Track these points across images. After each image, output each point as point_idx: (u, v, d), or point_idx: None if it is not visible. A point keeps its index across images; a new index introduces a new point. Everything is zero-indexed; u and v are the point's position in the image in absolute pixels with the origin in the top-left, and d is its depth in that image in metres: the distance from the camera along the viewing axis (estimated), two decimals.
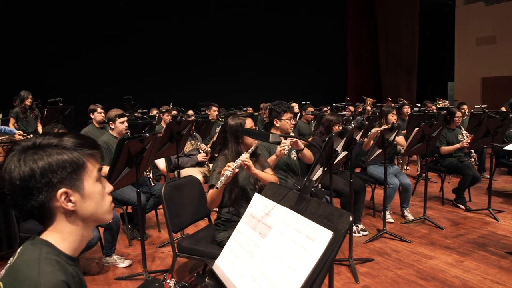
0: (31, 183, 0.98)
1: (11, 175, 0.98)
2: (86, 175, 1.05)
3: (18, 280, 0.93)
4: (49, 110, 6.03)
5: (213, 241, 2.70)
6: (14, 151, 1.01)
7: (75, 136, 1.07)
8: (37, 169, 0.98)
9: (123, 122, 3.92)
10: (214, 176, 2.49)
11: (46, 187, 0.99)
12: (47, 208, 1.01)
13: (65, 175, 1.01)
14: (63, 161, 1.01)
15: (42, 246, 1.01)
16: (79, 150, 1.04)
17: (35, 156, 0.99)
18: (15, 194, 0.99)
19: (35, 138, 1.04)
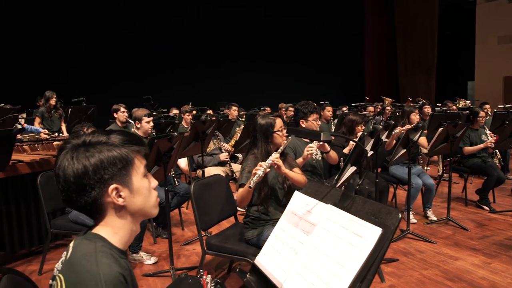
0: (85, 179, 1.01)
1: (65, 172, 1.02)
2: (134, 171, 1.08)
3: (78, 273, 0.96)
4: (73, 110, 6.15)
5: (241, 239, 2.73)
6: (65, 149, 1.05)
7: (122, 133, 1.11)
8: (90, 166, 1.02)
9: (149, 122, 3.99)
10: (244, 175, 2.52)
11: (98, 183, 1.03)
12: (99, 203, 1.05)
13: (116, 171, 1.04)
14: (113, 157, 1.04)
15: (96, 240, 1.04)
16: (127, 146, 1.08)
17: (87, 153, 1.03)
18: (69, 190, 1.03)
19: (85, 136, 1.08)
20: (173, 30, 11.47)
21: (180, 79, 11.30)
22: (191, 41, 11.75)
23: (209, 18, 12.07)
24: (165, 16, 11.39)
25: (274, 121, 2.70)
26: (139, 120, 4.00)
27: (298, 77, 13.25)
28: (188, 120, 6.11)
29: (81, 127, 3.26)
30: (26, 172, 3.58)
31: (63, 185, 1.03)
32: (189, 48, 11.71)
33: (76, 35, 10.15)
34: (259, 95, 11.23)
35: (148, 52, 10.99)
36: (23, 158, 3.64)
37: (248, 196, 2.45)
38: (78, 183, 1.01)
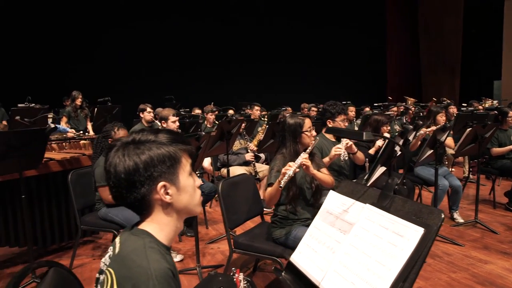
0: (135, 176, 1.05)
1: (116, 169, 1.05)
2: (181, 169, 1.11)
3: (129, 267, 0.99)
4: (99, 109, 6.27)
5: (268, 238, 2.74)
6: (115, 146, 1.09)
7: (169, 132, 1.14)
8: (140, 163, 1.05)
9: (175, 122, 4.05)
10: (273, 174, 2.54)
11: (147, 180, 1.06)
12: (147, 200, 1.08)
13: (164, 169, 1.07)
14: (163, 155, 1.07)
15: (144, 236, 1.07)
16: (175, 145, 1.11)
17: (137, 150, 1.06)
18: (120, 187, 1.06)
19: (134, 134, 1.11)
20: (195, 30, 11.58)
21: (201, 79, 11.41)
22: (212, 41, 11.83)
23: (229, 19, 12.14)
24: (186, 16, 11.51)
25: (303, 121, 2.71)
26: (165, 120, 4.07)
27: (318, 78, 13.17)
28: (211, 119, 6.16)
29: (112, 126, 3.33)
30: (57, 170, 3.69)
31: (114, 182, 1.06)
32: (211, 48, 11.80)
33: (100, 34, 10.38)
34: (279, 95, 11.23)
35: (170, 52, 11.14)
36: (54, 156, 3.75)
37: (276, 195, 2.46)
38: (128, 179, 1.04)
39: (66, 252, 3.93)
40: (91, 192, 3.43)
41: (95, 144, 3.38)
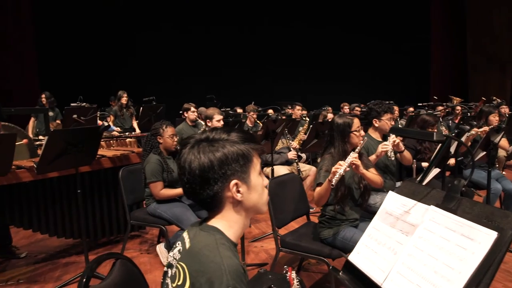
0: (210, 173, 1.07)
1: (191, 165, 1.08)
2: (252, 168, 1.13)
3: (202, 263, 1.01)
4: (144, 108, 6.47)
5: (315, 238, 2.73)
6: (189, 144, 1.12)
7: (240, 131, 1.16)
8: (215, 160, 1.07)
9: (219, 121, 4.11)
10: (322, 174, 2.53)
11: (221, 177, 1.08)
12: (219, 197, 1.10)
13: (237, 168, 1.10)
14: (237, 153, 1.09)
15: (215, 233, 1.09)
16: (247, 144, 1.12)
17: (212, 148, 1.09)
18: (194, 183, 1.09)
19: (207, 132, 1.14)
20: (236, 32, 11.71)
21: (240, 79, 11.51)
22: (252, 43, 11.91)
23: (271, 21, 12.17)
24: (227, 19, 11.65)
25: (352, 120, 2.69)
26: (210, 119, 4.14)
27: (359, 78, 12.88)
28: (253, 119, 6.20)
29: (160, 124, 3.42)
30: (108, 166, 3.84)
31: (188, 178, 1.09)
32: (250, 49, 11.87)
33: (144, 36, 10.71)
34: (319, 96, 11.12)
35: (212, 53, 11.32)
36: (105, 153, 3.90)
37: (326, 195, 2.45)
38: (203, 176, 1.07)
39: (115, 245, 4.09)
40: (140, 188, 3.54)
41: (145, 142, 3.49)
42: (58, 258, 3.80)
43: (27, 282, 3.32)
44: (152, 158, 3.34)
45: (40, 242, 4.24)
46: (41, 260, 3.78)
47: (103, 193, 3.89)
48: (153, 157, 3.34)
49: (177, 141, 3.47)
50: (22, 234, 4.31)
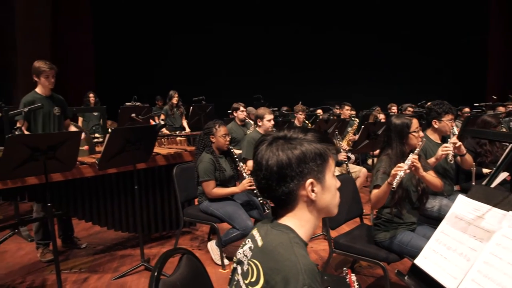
0: (287, 170, 1.08)
1: (268, 162, 1.09)
2: (327, 169, 1.13)
3: (277, 261, 1.02)
4: (194, 108, 6.62)
5: (369, 241, 2.68)
6: (266, 141, 1.13)
7: (316, 131, 1.16)
8: (293, 158, 1.08)
9: (270, 120, 4.13)
10: (379, 176, 2.47)
11: (298, 175, 1.08)
12: (294, 195, 1.11)
13: (314, 167, 1.10)
14: (314, 153, 1.10)
15: (288, 231, 1.10)
16: (323, 144, 1.12)
17: (290, 145, 1.09)
18: (270, 179, 1.10)
19: (284, 131, 1.15)
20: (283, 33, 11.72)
21: (287, 79, 11.50)
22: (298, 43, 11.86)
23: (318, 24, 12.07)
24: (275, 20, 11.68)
25: (411, 121, 2.60)
26: (261, 118, 4.17)
27: (408, 77, 12.44)
28: (301, 119, 6.17)
29: (213, 123, 3.49)
30: (163, 164, 3.96)
31: (264, 174, 1.10)
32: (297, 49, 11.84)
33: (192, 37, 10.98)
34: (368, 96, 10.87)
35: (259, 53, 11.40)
36: (160, 151, 4.03)
37: (384, 198, 2.39)
38: (280, 173, 1.08)
39: (167, 241, 4.22)
40: (192, 186, 3.63)
41: (198, 141, 3.57)
42: (115, 250, 3.98)
43: (87, 272, 3.50)
44: (205, 157, 3.41)
45: (98, 234, 4.46)
46: (99, 251, 3.98)
47: (157, 189, 4.02)
48: (206, 156, 3.41)
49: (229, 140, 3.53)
50: (82, 226, 4.55)
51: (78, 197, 3.51)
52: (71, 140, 2.79)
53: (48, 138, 2.71)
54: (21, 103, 3.46)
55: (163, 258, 1.26)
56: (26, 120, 3.47)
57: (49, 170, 2.80)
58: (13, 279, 3.39)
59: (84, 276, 3.40)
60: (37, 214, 3.64)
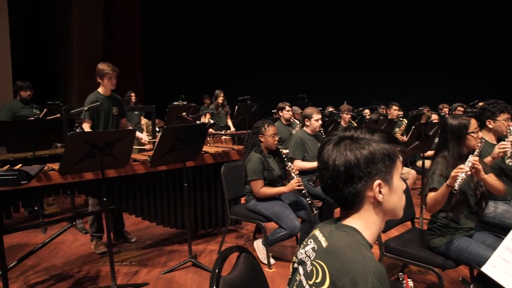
0: (355, 170, 1.06)
1: (335, 162, 1.08)
2: (395, 170, 1.10)
3: (344, 262, 1.00)
4: (239, 107, 6.67)
5: (422, 246, 2.59)
6: (332, 141, 1.12)
7: (384, 132, 1.13)
8: (361, 158, 1.06)
9: (318, 120, 4.09)
10: (436, 179, 2.38)
11: (366, 176, 1.06)
12: (360, 196, 1.09)
13: (382, 168, 1.07)
14: (383, 153, 1.07)
15: (354, 233, 1.08)
16: (391, 145, 1.10)
17: (358, 145, 1.08)
18: (337, 179, 1.08)
19: (351, 131, 1.13)
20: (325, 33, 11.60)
21: (331, 78, 11.35)
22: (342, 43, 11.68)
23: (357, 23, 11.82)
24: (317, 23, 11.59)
25: (469, 121, 2.49)
26: (308, 118, 4.14)
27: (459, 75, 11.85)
28: (347, 119, 6.07)
29: (262, 123, 3.51)
30: (210, 162, 4.03)
31: (331, 174, 1.09)
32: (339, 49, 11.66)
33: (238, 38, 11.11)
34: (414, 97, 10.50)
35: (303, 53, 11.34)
36: (208, 149, 4.10)
37: (442, 201, 2.30)
38: (347, 173, 1.07)
39: (213, 238, 4.28)
40: (239, 185, 3.66)
41: (246, 140, 3.59)
42: (162, 246, 4.10)
43: (137, 265, 3.63)
44: (253, 156, 3.43)
45: (146, 229, 4.61)
46: (148, 246, 4.11)
47: (205, 187, 4.10)
48: (254, 155, 3.43)
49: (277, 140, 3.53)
50: (131, 221, 4.71)
51: (130, 193, 3.64)
52: (126, 138, 2.89)
53: (105, 136, 2.84)
54: (85, 103, 3.64)
55: (223, 256, 1.27)
56: (91, 119, 3.66)
57: (105, 166, 2.93)
58: (70, 268, 3.58)
59: (135, 269, 3.53)
60: (92, 208, 3.82)
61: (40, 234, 4.46)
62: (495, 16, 12.10)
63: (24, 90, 5.13)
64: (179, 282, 3.27)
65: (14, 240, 4.20)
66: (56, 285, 3.26)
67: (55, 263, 3.70)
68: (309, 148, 4.10)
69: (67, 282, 3.31)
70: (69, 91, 9.32)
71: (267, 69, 11.16)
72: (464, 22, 12.00)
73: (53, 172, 3.15)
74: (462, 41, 12.01)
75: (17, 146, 4.37)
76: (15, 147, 4.40)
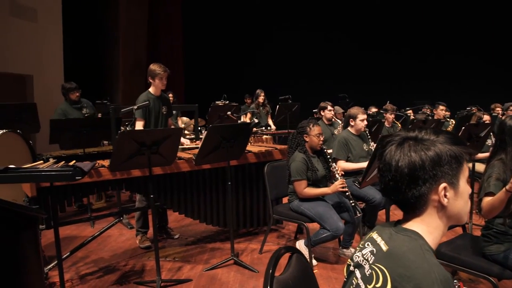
0: (420, 172, 1.02)
1: (398, 163, 1.04)
2: (462, 174, 1.05)
3: (407, 267, 0.97)
4: (280, 107, 6.67)
5: (475, 253, 2.46)
6: (394, 141, 1.08)
7: (449, 133, 1.08)
8: (427, 159, 1.02)
9: (363, 120, 4.01)
10: (492, 183, 2.25)
11: (431, 178, 1.02)
12: (424, 199, 1.04)
13: (449, 170, 1.03)
14: (450, 155, 1.03)
15: (417, 237, 1.04)
16: (458, 147, 1.05)
17: (423, 146, 1.03)
18: (400, 181, 1.04)
19: (415, 131, 1.09)
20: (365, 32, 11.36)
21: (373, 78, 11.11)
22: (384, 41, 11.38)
23: None
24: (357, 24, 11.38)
25: None
26: (353, 118, 4.06)
27: None
28: (391, 119, 5.90)
29: (307, 123, 3.48)
30: (253, 161, 4.04)
31: (393, 175, 1.05)
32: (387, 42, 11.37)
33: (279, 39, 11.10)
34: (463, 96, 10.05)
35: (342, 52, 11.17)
36: (251, 148, 4.12)
37: (500, 207, 2.18)
38: (411, 175, 1.03)
39: (254, 237, 4.30)
40: (282, 184, 3.65)
41: (291, 139, 3.57)
42: (204, 243, 4.16)
43: (181, 261, 3.70)
44: (297, 156, 3.41)
45: (188, 226, 4.69)
46: (190, 242, 4.19)
47: (247, 186, 4.12)
48: (298, 155, 3.41)
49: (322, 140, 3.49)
50: (173, 218, 4.82)
51: (174, 190, 3.72)
52: (173, 137, 2.96)
53: (153, 134, 2.91)
54: (137, 102, 3.76)
55: (276, 257, 1.26)
56: (144, 118, 3.78)
57: (152, 164, 3.00)
58: (117, 261, 3.71)
59: (178, 265, 3.60)
60: (139, 204, 3.94)
61: (88, 227, 4.65)
62: None
63: (72, 92, 5.34)
64: (222, 279, 3.30)
65: (65, 232, 4.41)
66: (104, 277, 3.38)
67: (103, 256, 3.85)
68: (353, 149, 4.02)
69: (114, 275, 3.43)
70: (114, 91, 9.68)
71: (307, 69, 11.08)
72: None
73: (103, 168, 3.27)
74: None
75: (69, 143, 4.58)
76: (67, 144, 4.61)
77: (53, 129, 4.27)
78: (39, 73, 7.22)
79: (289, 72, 10.91)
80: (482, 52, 11.33)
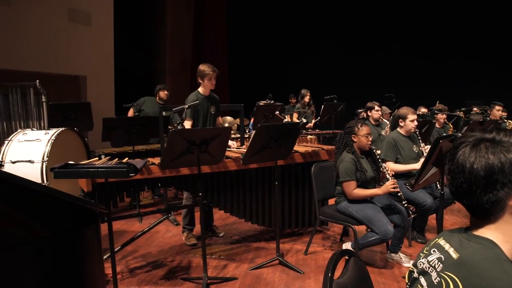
0: (498, 176, 0.96)
1: (473, 165, 0.99)
2: None
3: (483, 277, 0.92)
4: (325, 107, 6.57)
5: None
6: (467, 142, 1.03)
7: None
8: (507, 162, 0.96)
9: (413, 120, 3.87)
10: None
11: (510, 183, 0.96)
12: (501, 205, 0.98)
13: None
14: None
15: (492, 246, 0.98)
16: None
17: (502, 148, 0.98)
18: (475, 184, 0.99)
19: (493, 132, 1.03)
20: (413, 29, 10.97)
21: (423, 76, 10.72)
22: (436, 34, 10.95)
23: None
24: None
25: None
26: (403, 119, 3.93)
27: None
28: (442, 120, 5.66)
29: (355, 123, 3.41)
30: (299, 161, 4.01)
31: (467, 178, 1.00)
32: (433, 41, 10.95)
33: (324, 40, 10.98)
34: None
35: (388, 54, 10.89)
36: (298, 149, 4.09)
37: None
38: (489, 178, 0.97)
39: (298, 238, 4.26)
40: (329, 185, 3.59)
41: (338, 140, 3.51)
42: (249, 242, 4.18)
43: (226, 259, 3.73)
44: (346, 156, 3.34)
45: (233, 225, 4.73)
46: (235, 241, 4.22)
47: (293, 186, 4.09)
48: (347, 155, 3.34)
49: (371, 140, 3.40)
50: (218, 216, 4.88)
51: (221, 189, 3.76)
52: (222, 136, 2.99)
53: (202, 133, 2.95)
54: (186, 101, 3.85)
55: (334, 260, 1.24)
56: (192, 117, 3.87)
57: (201, 162, 3.05)
58: (164, 257, 3.80)
59: (223, 263, 3.64)
60: (186, 201, 4.02)
61: (136, 223, 4.81)
62: None
63: (163, 90, 5.85)
64: (267, 279, 3.30)
65: (115, 227, 4.57)
66: (152, 272, 3.48)
67: (151, 251, 3.96)
68: (402, 150, 3.89)
69: (162, 270, 3.51)
70: None
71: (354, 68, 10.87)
72: None
73: (154, 166, 3.36)
74: None
75: (119, 141, 4.77)
76: (118, 141, 4.79)
77: (105, 127, 4.45)
78: (92, 74, 7.56)
79: (333, 73, 10.75)
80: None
